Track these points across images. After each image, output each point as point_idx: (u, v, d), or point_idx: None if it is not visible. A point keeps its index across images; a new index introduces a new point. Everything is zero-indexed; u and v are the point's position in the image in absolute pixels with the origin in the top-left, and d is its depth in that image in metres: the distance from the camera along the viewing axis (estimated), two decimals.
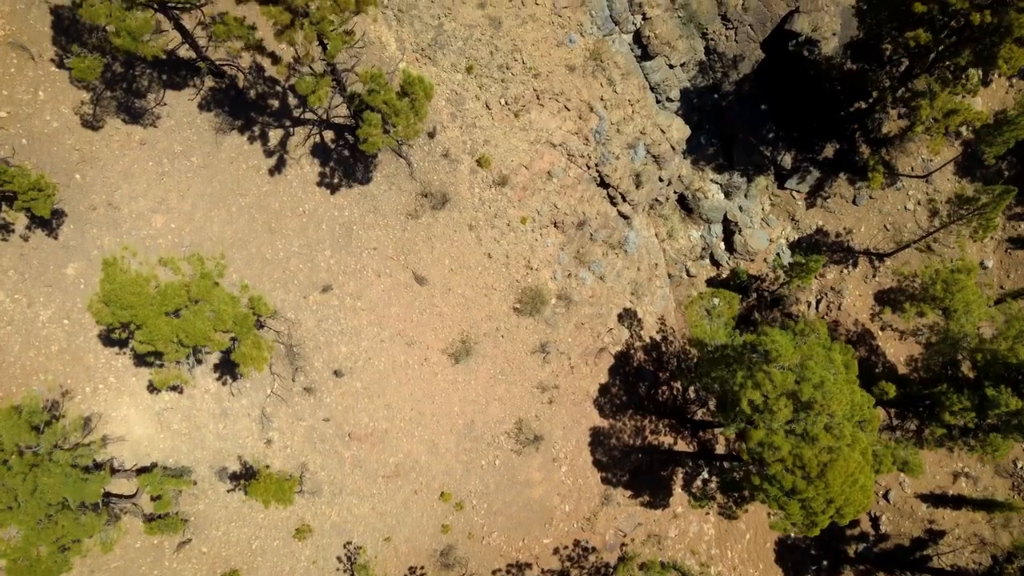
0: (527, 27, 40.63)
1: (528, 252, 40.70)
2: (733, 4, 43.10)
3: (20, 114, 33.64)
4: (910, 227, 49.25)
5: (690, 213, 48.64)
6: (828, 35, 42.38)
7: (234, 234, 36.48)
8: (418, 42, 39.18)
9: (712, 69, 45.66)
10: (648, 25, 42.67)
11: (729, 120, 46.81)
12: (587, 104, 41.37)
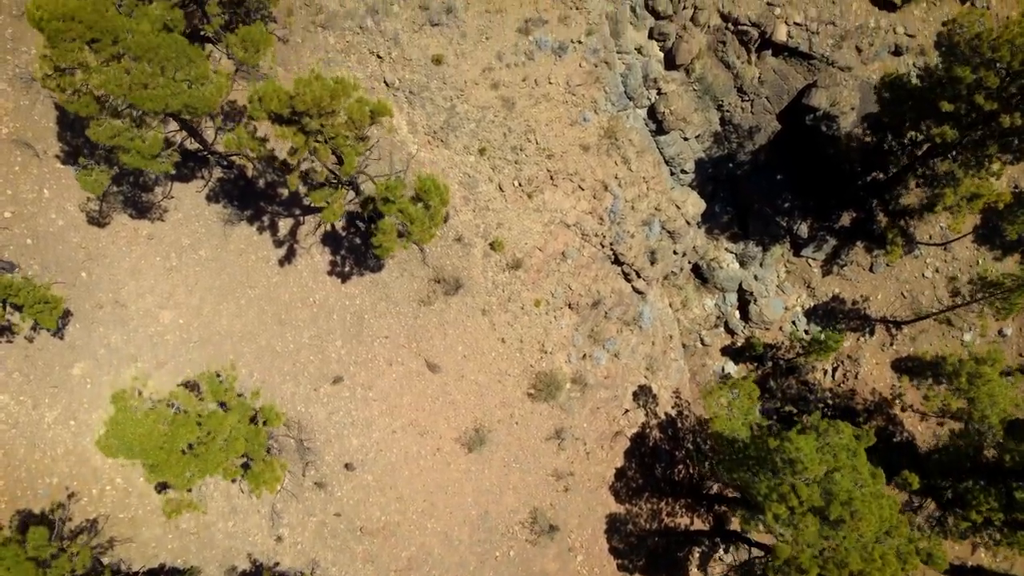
0: (541, 107, 39.87)
1: (542, 335, 39.89)
2: (749, 77, 42.36)
3: (25, 213, 32.91)
4: (928, 294, 48.42)
5: (705, 282, 47.87)
6: (847, 110, 41.63)
7: (243, 327, 35.71)
8: (430, 125, 38.43)
9: (727, 139, 44.92)
10: (663, 101, 41.94)
11: (744, 190, 46.07)
12: (601, 183, 40.62)
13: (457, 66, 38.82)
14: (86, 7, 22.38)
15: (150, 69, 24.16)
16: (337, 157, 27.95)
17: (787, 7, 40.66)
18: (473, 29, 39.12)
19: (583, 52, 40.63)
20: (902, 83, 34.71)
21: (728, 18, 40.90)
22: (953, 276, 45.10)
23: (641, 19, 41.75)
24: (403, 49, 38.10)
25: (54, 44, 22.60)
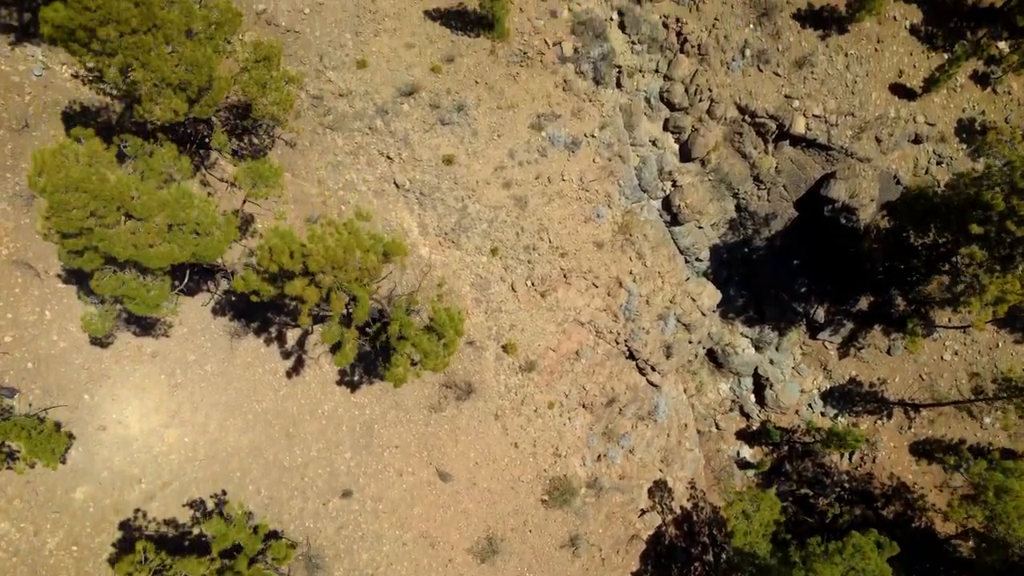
0: (554, 204, 38.96)
1: (556, 439, 38.91)
2: (766, 167, 41.46)
3: (25, 337, 31.91)
4: (947, 377, 47.47)
5: (720, 367, 46.92)
6: (866, 201, 40.72)
7: (250, 442, 34.72)
8: (441, 226, 37.50)
9: (743, 226, 44.01)
10: (678, 193, 41.03)
11: (760, 275, 45.14)
12: (616, 280, 39.68)
13: (468, 166, 37.93)
14: (90, 176, 21.49)
15: (157, 228, 23.23)
16: (352, 299, 27.01)
17: (806, 100, 39.76)
18: (484, 127, 38.25)
19: (597, 146, 39.75)
20: (927, 197, 33.84)
21: (745, 111, 40.01)
22: (976, 371, 44.15)
23: (656, 111, 40.88)
24: (413, 149, 37.21)
25: (57, 213, 21.66)
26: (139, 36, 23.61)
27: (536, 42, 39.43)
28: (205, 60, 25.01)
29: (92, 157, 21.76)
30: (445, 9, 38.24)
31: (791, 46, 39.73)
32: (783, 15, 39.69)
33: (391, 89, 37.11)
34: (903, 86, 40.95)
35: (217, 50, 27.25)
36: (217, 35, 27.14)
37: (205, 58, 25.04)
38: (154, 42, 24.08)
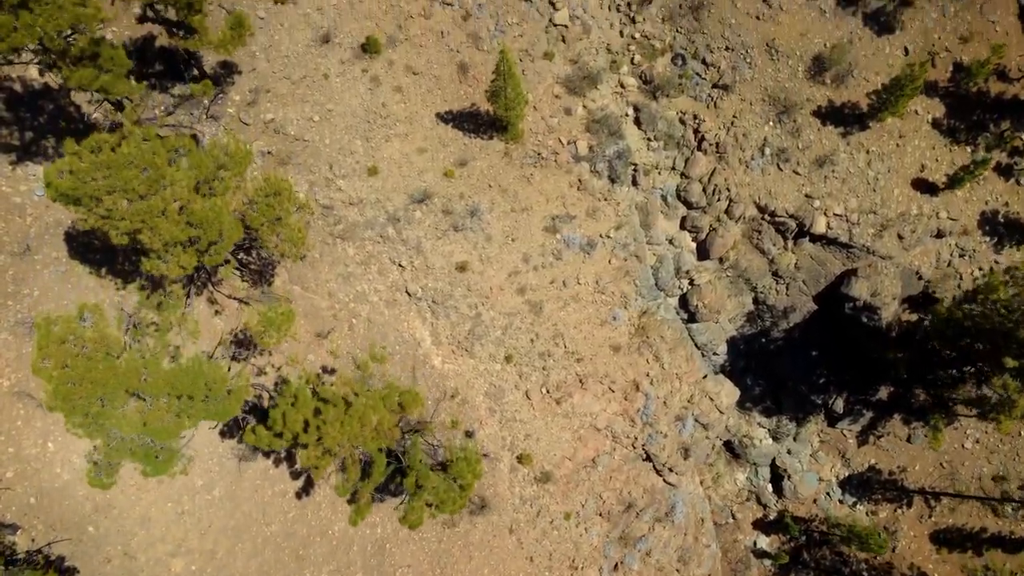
0: (569, 309, 38.00)
1: (572, 550, 37.88)
2: (785, 264, 40.53)
3: (28, 471, 30.87)
4: (968, 465, 46.45)
5: (737, 457, 45.93)
6: (888, 300, 39.76)
7: (259, 567, 33.68)
8: (454, 334, 36.53)
9: (761, 318, 43.05)
10: (696, 293, 40.08)
11: (778, 366, 44.16)
12: (633, 383, 38.70)
13: (482, 272, 36.98)
14: (96, 366, 20.50)
15: (166, 404, 22.23)
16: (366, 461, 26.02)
17: (827, 199, 38.84)
18: (498, 231, 37.31)
19: (612, 247, 38.81)
20: (958, 323, 32.91)
21: (765, 210, 39.10)
22: (1002, 475, 43.15)
23: (673, 208, 39.98)
24: (426, 257, 36.26)
25: (64, 401, 20.68)
26: (147, 201, 22.68)
27: (550, 142, 38.52)
28: (215, 216, 24.06)
29: (99, 342, 20.75)
30: (458, 111, 37.32)
31: (812, 144, 38.82)
32: (803, 112, 38.79)
33: (403, 196, 36.17)
34: (925, 180, 40.02)
35: (227, 188, 26.33)
36: (227, 178, 26.21)
37: (216, 214, 24.11)
38: (162, 203, 23.15)
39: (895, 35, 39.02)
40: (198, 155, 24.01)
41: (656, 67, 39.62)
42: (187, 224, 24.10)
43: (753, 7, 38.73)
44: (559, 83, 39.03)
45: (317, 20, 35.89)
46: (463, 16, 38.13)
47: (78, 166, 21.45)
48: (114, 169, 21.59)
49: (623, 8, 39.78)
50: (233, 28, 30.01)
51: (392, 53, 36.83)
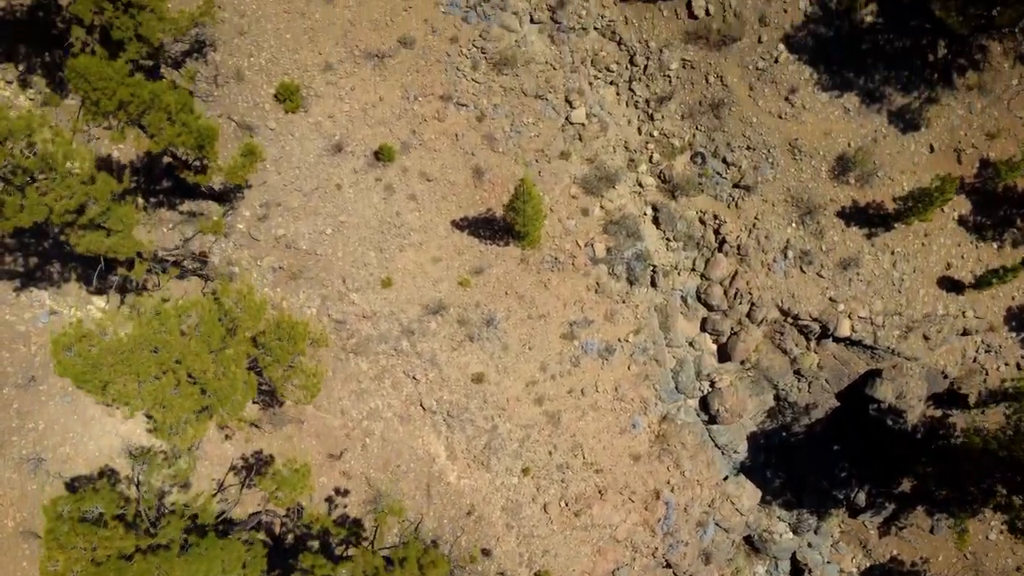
0: (588, 418, 37.02)
1: None
2: (808, 364, 39.56)
3: None
4: (992, 556, 45.39)
5: (756, 552, 44.87)
6: (914, 402, 38.79)
7: None
8: (470, 448, 35.54)
9: (782, 413, 42.05)
10: (717, 397, 39.08)
11: (799, 459, 43.15)
12: (653, 492, 37.71)
13: (499, 383, 36.00)
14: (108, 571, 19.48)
15: None
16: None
17: (851, 302, 37.86)
18: (515, 340, 36.35)
19: (631, 352, 37.85)
20: (987, 449, 31.99)
21: (788, 313, 38.14)
22: None
23: (693, 310, 39.01)
24: (441, 369, 35.29)
25: None
26: (160, 382, 21.72)
27: (567, 245, 37.57)
28: (230, 385, 23.10)
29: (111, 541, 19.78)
30: (473, 217, 36.39)
31: (836, 246, 37.85)
32: (827, 213, 37.82)
33: (417, 307, 35.21)
34: (951, 279, 39.03)
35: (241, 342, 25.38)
36: (241, 332, 25.27)
37: (230, 381, 23.14)
38: (175, 380, 22.21)
39: (920, 132, 38.06)
40: (210, 322, 23.02)
41: (675, 166, 38.70)
42: (200, 392, 23.14)
43: (775, 106, 37.80)
44: (576, 183, 38.10)
45: (329, 128, 34.97)
46: (478, 117, 37.21)
47: (87, 353, 20.46)
48: (124, 354, 20.61)
49: (641, 105, 38.84)
50: (244, 156, 29.13)
51: (406, 159, 35.90)
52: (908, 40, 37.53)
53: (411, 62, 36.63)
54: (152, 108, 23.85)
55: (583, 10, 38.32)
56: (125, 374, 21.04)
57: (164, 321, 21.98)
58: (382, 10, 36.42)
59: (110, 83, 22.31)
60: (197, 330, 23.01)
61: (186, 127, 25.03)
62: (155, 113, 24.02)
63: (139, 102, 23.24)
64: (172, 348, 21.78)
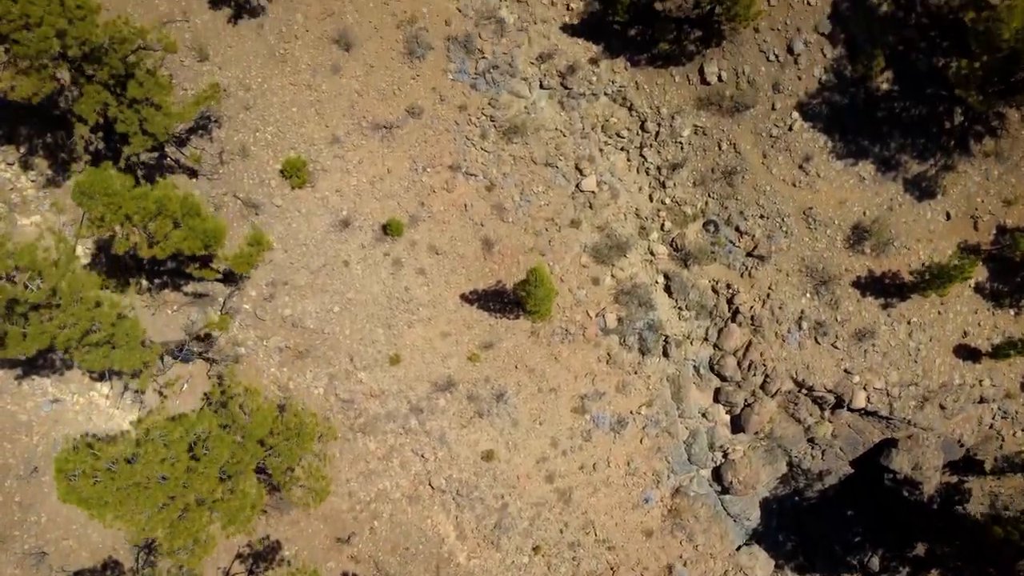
0: (600, 494, 36.39)
1: None
2: (822, 433, 38.93)
3: None
4: None
5: None
6: (930, 472, 38.14)
7: None
8: (480, 527, 34.90)
9: (795, 479, 41.38)
10: (730, 468, 38.43)
11: (812, 524, 42.46)
12: (666, 568, 37.08)
13: (509, 460, 35.39)
14: None
15: None
16: None
17: (866, 373, 37.23)
18: (525, 415, 35.74)
19: (643, 425, 37.23)
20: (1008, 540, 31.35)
21: (802, 385, 37.52)
22: None
23: (706, 380, 38.38)
24: (450, 448, 34.68)
25: None
26: (169, 508, 21.08)
27: (578, 316, 36.95)
28: (241, 507, 22.47)
29: None
30: (483, 290, 35.77)
31: (851, 317, 37.21)
32: (842, 284, 37.18)
33: (426, 384, 34.59)
34: (968, 347, 38.39)
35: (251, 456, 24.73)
36: (248, 441, 24.61)
37: (240, 504, 22.50)
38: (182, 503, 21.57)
39: (937, 200, 37.42)
40: (219, 443, 22.36)
41: (687, 234, 38.07)
42: (208, 512, 22.50)
43: (789, 174, 37.19)
44: (586, 252, 37.48)
45: (336, 203, 34.36)
46: (487, 187, 36.61)
47: (91, 487, 19.83)
48: (130, 488, 19.97)
49: (652, 172, 38.24)
50: (251, 245, 28.51)
51: (414, 232, 35.29)
52: (924, 107, 36.92)
53: (419, 132, 36.04)
54: (158, 216, 23.23)
55: (593, 76, 37.74)
56: (132, 504, 20.41)
57: (171, 445, 21.34)
58: (389, 79, 35.83)
59: (115, 198, 21.70)
60: (205, 448, 22.36)
61: (192, 231, 24.41)
62: (161, 220, 23.40)
63: (145, 213, 22.61)
64: (179, 473, 21.15)
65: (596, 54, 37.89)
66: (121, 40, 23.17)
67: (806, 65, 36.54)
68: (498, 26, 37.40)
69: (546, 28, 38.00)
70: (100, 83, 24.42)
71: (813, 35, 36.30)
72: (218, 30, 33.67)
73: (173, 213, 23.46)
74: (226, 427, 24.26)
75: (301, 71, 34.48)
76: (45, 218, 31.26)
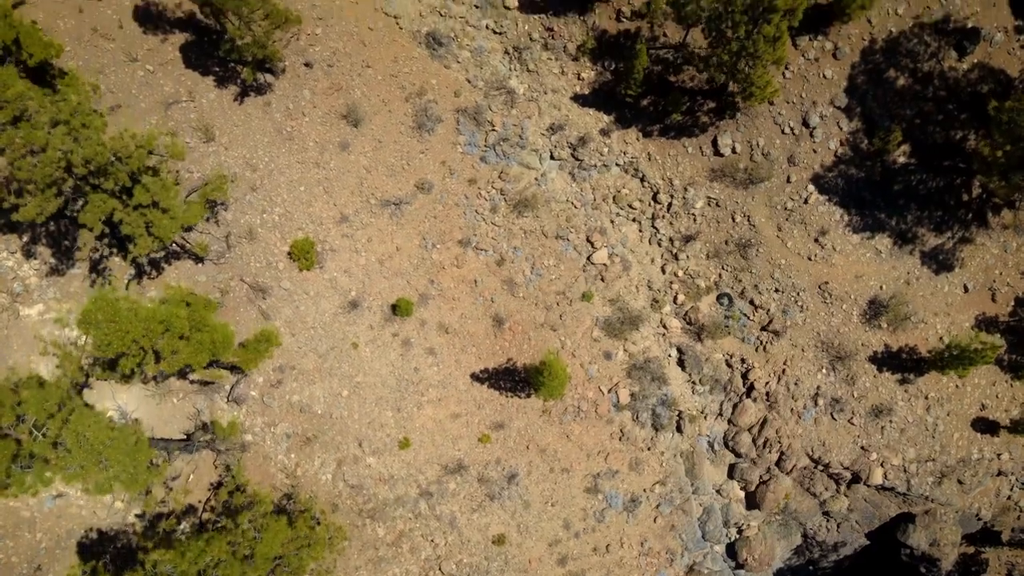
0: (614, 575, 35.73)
1: None
2: (838, 507, 38.24)
3: None
4: None
5: None
6: (948, 549, 37.50)
7: None
8: None
9: (809, 550, 40.74)
10: (745, 545, 37.78)
11: None
12: None
13: (520, 544, 34.71)
14: None
15: None
16: None
17: (884, 450, 36.59)
18: (537, 497, 35.08)
19: (657, 503, 36.57)
20: None
21: (818, 462, 36.86)
22: None
23: (720, 456, 37.75)
24: (460, 532, 33.99)
25: None
26: None
27: (590, 393, 36.31)
28: None
29: None
30: (493, 369, 35.14)
31: (868, 392, 36.56)
32: (858, 359, 36.55)
33: (436, 467, 33.94)
34: (986, 419, 37.76)
35: None
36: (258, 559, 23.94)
37: None
38: None
39: (954, 272, 36.83)
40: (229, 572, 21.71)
41: (700, 307, 37.46)
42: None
43: (804, 247, 36.59)
44: (598, 326, 36.85)
45: (345, 284, 33.73)
46: (497, 262, 36.01)
47: None
48: None
49: (665, 243, 37.64)
50: (259, 342, 27.90)
51: (424, 311, 34.66)
52: (942, 180, 36.36)
53: (428, 207, 35.45)
54: (165, 333, 22.61)
55: (605, 147, 37.17)
56: None
57: None
58: (398, 154, 35.26)
59: (121, 324, 21.10)
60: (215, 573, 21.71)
61: (201, 344, 23.77)
62: (168, 338, 22.77)
63: (151, 334, 21.99)
64: None
65: (607, 124, 37.33)
66: (128, 156, 22.56)
67: (822, 138, 35.96)
68: (508, 96, 36.87)
69: (556, 98, 37.45)
70: (105, 191, 23.82)
71: (829, 108, 35.75)
72: (224, 109, 33.11)
73: (181, 330, 22.82)
74: (233, 545, 23.61)
75: (309, 149, 33.90)
76: (48, 307, 30.64)
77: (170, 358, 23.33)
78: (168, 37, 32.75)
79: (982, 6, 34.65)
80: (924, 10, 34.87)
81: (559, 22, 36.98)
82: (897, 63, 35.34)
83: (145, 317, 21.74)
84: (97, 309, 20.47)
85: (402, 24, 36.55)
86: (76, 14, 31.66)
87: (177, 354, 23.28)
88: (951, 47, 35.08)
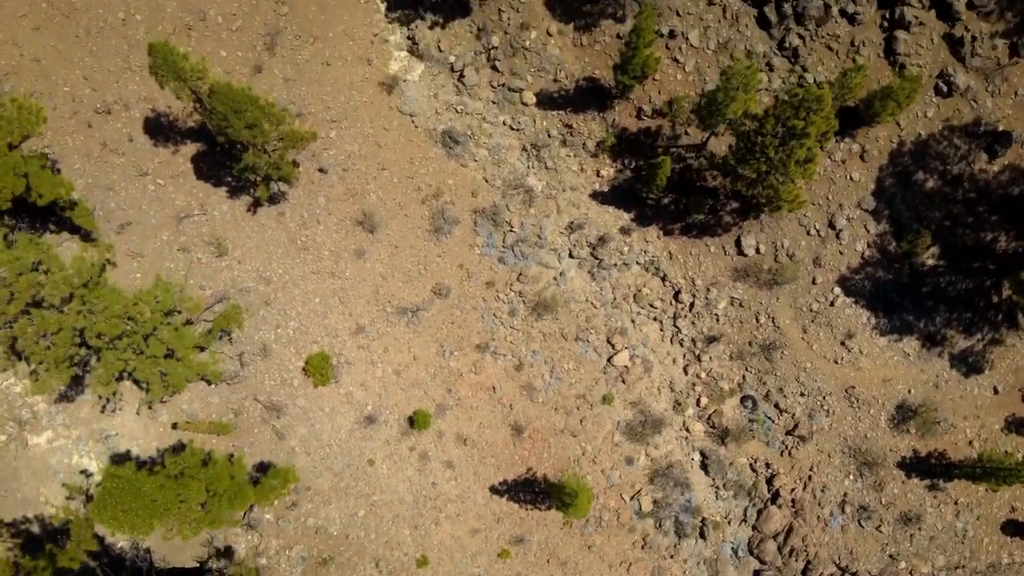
0: None
1: None
2: None
3: None
4: None
5: None
6: None
7: None
8: None
9: None
10: None
11: None
12: None
13: None
14: None
15: None
16: None
17: (912, 558, 35.69)
18: None
19: None
20: None
21: (845, 570, 35.93)
22: None
23: (744, 563, 36.79)
24: None
25: None
26: None
27: (612, 501, 35.39)
28: None
29: None
30: (513, 480, 34.24)
31: (896, 499, 35.67)
32: (886, 465, 35.66)
33: None
34: (1016, 522, 36.87)
35: None
36: None
37: None
38: None
39: (984, 375, 35.96)
40: None
41: (724, 410, 36.56)
42: None
43: (830, 350, 35.72)
44: (619, 430, 35.96)
45: (361, 398, 32.83)
46: (516, 366, 35.11)
47: None
48: None
49: (687, 344, 36.75)
50: (275, 479, 27.02)
51: (441, 422, 33.76)
52: (971, 281, 35.52)
53: (446, 313, 34.57)
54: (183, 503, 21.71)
55: (625, 245, 36.31)
56: None
57: None
58: (415, 259, 34.41)
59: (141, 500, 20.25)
60: None
61: (219, 507, 22.87)
62: (185, 508, 21.85)
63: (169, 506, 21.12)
64: None
65: (627, 223, 36.48)
66: (144, 321, 21.69)
67: (848, 240, 35.11)
68: (526, 195, 36.03)
69: (575, 196, 36.61)
70: (120, 349, 22.94)
71: (856, 211, 34.92)
72: (237, 220, 32.27)
73: (198, 499, 21.93)
74: None
75: (324, 258, 33.06)
76: (57, 433, 29.73)
77: (188, 527, 22.44)
78: (179, 148, 31.94)
79: (1014, 109, 33.85)
80: (954, 112, 34.06)
81: (578, 119, 36.15)
82: (926, 165, 34.51)
83: (163, 487, 20.86)
84: (115, 489, 19.60)
85: (418, 123, 35.73)
86: (85, 129, 30.83)
87: (198, 522, 22.39)
88: (981, 149, 34.29)
